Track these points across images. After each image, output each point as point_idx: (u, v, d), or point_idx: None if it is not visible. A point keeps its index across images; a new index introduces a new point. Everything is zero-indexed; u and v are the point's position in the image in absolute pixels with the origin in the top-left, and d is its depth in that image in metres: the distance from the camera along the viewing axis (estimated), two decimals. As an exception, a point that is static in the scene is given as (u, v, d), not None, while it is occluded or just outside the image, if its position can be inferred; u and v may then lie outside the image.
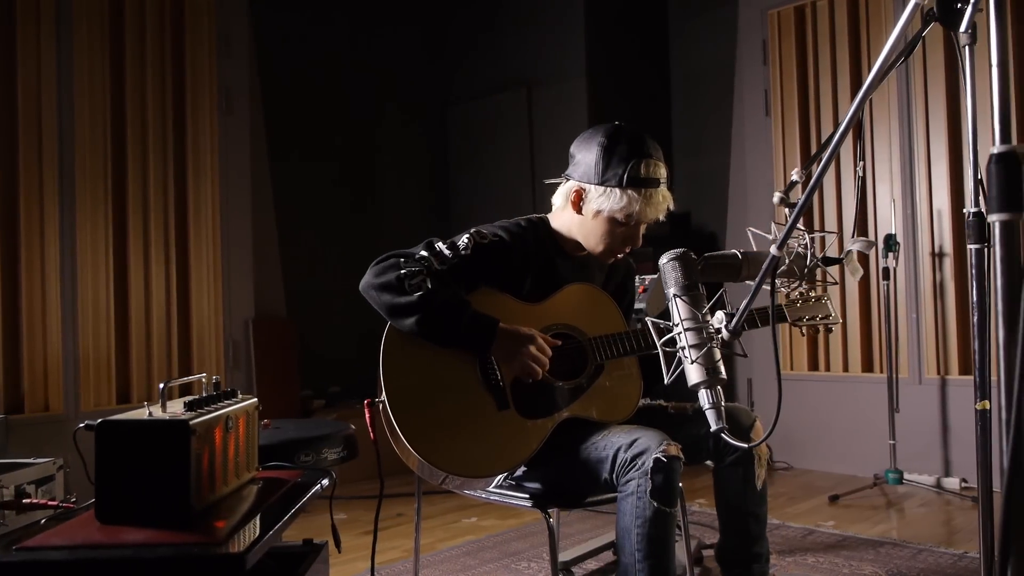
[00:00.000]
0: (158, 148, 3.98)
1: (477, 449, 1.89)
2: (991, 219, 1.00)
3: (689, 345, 1.56)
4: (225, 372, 4.16)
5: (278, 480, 1.51)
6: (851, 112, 1.21)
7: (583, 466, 1.92)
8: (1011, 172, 0.99)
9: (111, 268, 3.82)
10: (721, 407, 1.54)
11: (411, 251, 1.98)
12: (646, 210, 2.00)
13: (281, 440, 1.92)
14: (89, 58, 3.76)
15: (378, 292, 1.92)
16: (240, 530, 1.19)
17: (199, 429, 1.24)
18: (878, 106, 4.34)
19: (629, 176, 1.97)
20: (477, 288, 2.01)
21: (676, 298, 1.61)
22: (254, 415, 1.51)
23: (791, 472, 4.51)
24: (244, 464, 1.46)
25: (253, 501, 1.37)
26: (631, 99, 5.24)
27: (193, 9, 4.11)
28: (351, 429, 2.21)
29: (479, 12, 5.52)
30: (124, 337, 3.87)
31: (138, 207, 3.91)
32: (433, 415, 1.89)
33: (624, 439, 1.86)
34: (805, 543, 3.20)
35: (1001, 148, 1.00)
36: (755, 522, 2.11)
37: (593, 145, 2.01)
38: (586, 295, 2.10)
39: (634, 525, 1.80)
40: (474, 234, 2.03)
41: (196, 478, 1.23)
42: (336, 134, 5.10)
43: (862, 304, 4.38)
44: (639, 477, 1.80)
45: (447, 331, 1.91)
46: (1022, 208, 0.98)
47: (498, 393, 1.94)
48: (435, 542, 3.36)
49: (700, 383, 1.54)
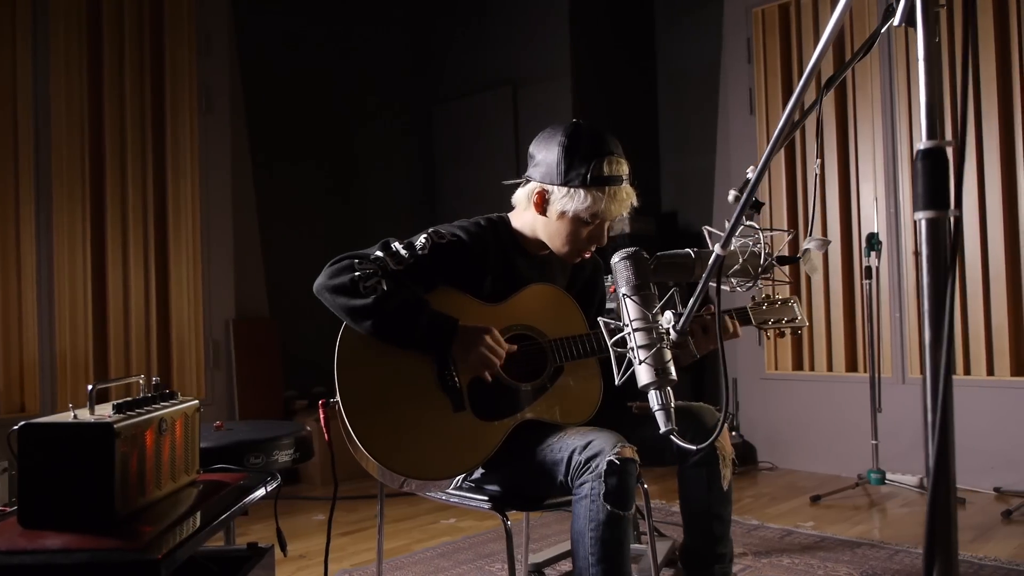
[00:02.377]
0: (137, 147, 3.96)
1: (432, 451, 1.87)
2: (917, 217, 0.97)
3: (638, 346, 1.54)
4: (205, 372, 4.15)
5: (219, 483, 1.49)
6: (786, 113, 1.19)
7: (540, 468, 1.89)
8: (938, 168, 0.97)
9: (89, 268, 3.80)
10: (671, 409, 1.51)
11: (366, 252, 1.96)
12: (611, 208, 1.98)
13: (230, 442, 1.90)
14: (66, 56, 3.74)
15: (332, 294, 1.90)
16: (165, 535, 1.17)
17: (125, 432, 1.22)
18: (861, 105, 4.31)
19: (592, 175, 1.95)
20: (435, 288, 1.98)
21: (626, 298, 1.59)
22: (194, 417, 1.49)
23: (775, 472, 4.48)
24: (182, 467, 1.43)
25: (188, 505, 1.35)
26: (616, 98, 5.21)
27: (173, 7, 4.10)
28: (305, 431, 2.19)
29: (464, 11, 5.50)
30: (102, 338, 3.85)
31: (116, 206, 3.89)
32: (387, 417, 1.86)
33: (579, 441, 1.83)
34: (782, 544, 3.18)
35: (928, 144, 0.98)
36: (719, 523, 2.08)
37: (553, 145, 1.98)
38: (547, 296, 2.07)
39: (588, 528, 1.77)
40: (432, 234, 2.01)
41: (122, 482, 1.21)
42: (320, 133, 5.08)
43: (846, 304, 4.36)
44: (593, 480, 1.77)
45: (404, 333, 1.89)
46: (949, 205, 0.96)
47: (454, 395, 1.92)
48: (411, 543, 3.34)
49: (649, 384, 1.52)
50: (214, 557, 1.46)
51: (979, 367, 3.92)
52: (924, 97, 0.99)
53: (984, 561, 2.89)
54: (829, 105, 4.41)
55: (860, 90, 4.31)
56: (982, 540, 3.17)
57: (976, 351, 3.94)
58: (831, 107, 4.40)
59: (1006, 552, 3.00)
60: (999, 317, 3.86)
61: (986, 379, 3.88)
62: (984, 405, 3.86)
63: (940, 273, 0.95)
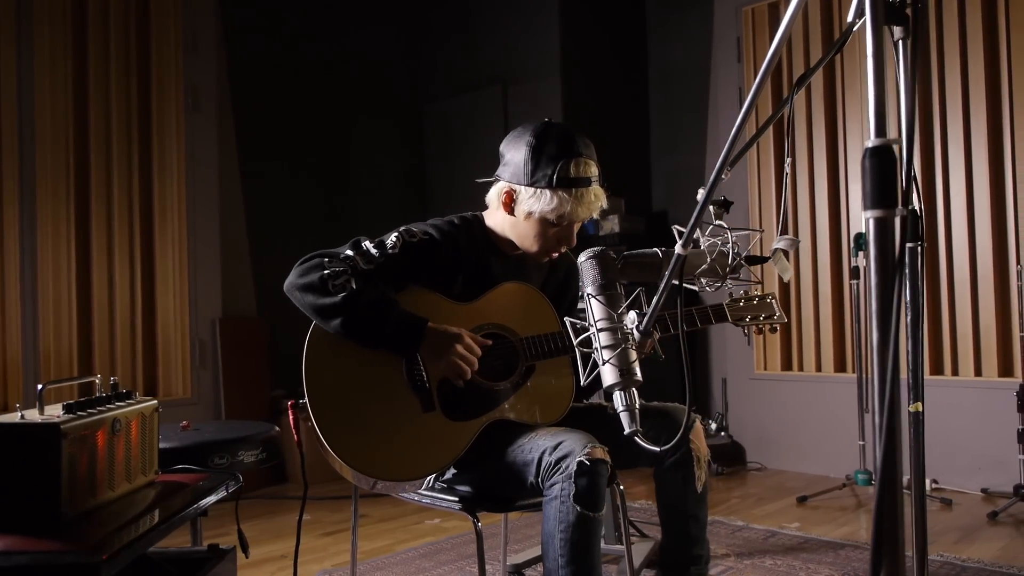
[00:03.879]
0: (123, 146, 3.94)
1: (400, 452, 1.85)
2: (865, 216, 0.96)
3: (602, 346, 1.52)
4: (191, 371, 4.13)
5: (178, 484, 1.47)
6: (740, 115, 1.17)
7: (511, 469, 1.88)
8: (886, 167, 0.95)
9: (73, 267, 3.79)
10: (635, 410, 1.50)
11: (336, 251, 1.95)
12: (577, 210, 1.96)
13: (194, 442, 1.89)
14: (51, 53, 3.73)
15: (301, 293, 1.89)
16: (112, 537, 1.15)
17: (72, 432, 1.21)
18: (851, 104, 4.30)
19: (559, 176, 1.93)
20: (406, 287, 1.97)
21: (591, 298, 1.57)
22: (152, 417, 1.48)
23: (763, 473, 4.46)
24: (139, 468, 1.42)
25: (142, 506, 1.33)
26: (606, 97, 5.19)
27: (159, 5, 4.08)
28: (273, 431, 2.17)
29: (454, 10, 5.48)
30: (87, 336, 3.84)
31: (102, 205, 3.87)
32: (356, 418, 1.85)
33: (549, 442, 1.82)
34: (766, 545, 3.16)
35: (876, 142, 0.96)
36: (695, 524, 2.06)
37: (521, 145, 1.97)
38: (519, 294, 2.05)
39: (557, 530, 1.76)
40: (403, 232, 1.99)
41: (69, 483, 1.19)
42: (310, 131, 5.06)
43: (835, 304, 4.34)
44: (563, 481, 1.76)
45: (373, 332, 1.88)
46: (897, 204, 0.94)
47: (424, 395, 1.90)
48: (394, 544, 3.32)
49: (614, 385, 1.50)
50: (173, 558, 1.45)
51: (967, 367, 3.90)
52: (872, 95, 0.97)
53: (967, 563, 2.87)
54: (819, 104, 4.39)
55: (849, 90, 4.30)
56: (966, 541, 3.16)
57: (964, 351, 3.92)
58: (820, 106, 4.38)
59: (990, 554, 2.98)
60: (987, 317, 3.85)
61: (974, 379, 3.87)
62: (972, 406, 3.84)
63: (887, 273, 0.94)
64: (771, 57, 1.13)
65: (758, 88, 1.14)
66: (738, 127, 1.19)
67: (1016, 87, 3.77)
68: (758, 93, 1.14)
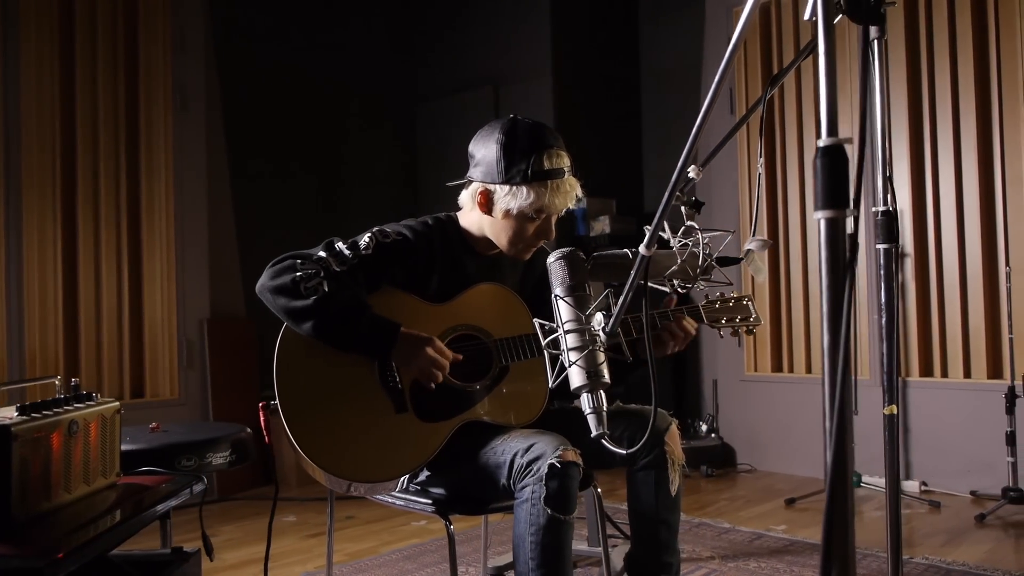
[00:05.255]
0: (109, 145, 3.93)
1: (371, 453, 1.84)
2: (816, 216, 0.94)
3: (568, 348, 1.51)
4: (179, 373, 4.12)
5: (139, 486, 1.46)
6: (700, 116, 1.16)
7: (483, 471, 1.86)
8: (837, 166, 0.94)
9: (59, 267, 3.77)
10: (603, 412, 1.48)
11: (309, 252, 1.93)
12: (555, 201, 1.94)
13: (161, 444, 1.87)
14: (37, 51, 3.71)
15: (273, 295, 1.87)
16: (63, 540, 1.14)
17: (24, 435, 1.19)
18: (841, 103, 4.28)
19: (534, 170, 1.91)
20: (380, 288, 1.96)
21: (559, 299, 1.56)
22: (114, 419, 1.46)
23: (753, 475, 4.45)
24: (98, 470, 1.41)
25: (99, 509, 1.32)
26: (598, 98, 5.18)
27: (147, 3, 4.06)
28: (243, 433, 2.16)
29: (446, 10, 5.47)
30: (73, 337, 3.82)
31: (88, 205, 3.86)
32: (327, 420, 1.83)
33: (521, 444, 1.81)
34: (751, 547, 3.15)
35: (828, 141, 0.95)
36: (665, 529, 2.04)
37: (491, 143, 1.95)
38: (494, 295, 2.04)
39: (528, 533, 1.74)
40: (376, 233, 1.98)
41: (20, 486, 1.18)
42: (301, 131, 5.05)
43: (825, 305, 4.32)
44: (534, 483, 1.74)
45: (345, 335, 1.86)
46: (848, 204, 0.93)
47: (396, 396, 1.89)
48: (379, 545, 3.31)
49: (581, 387, 1.49)
50: (136, 561, 1.43)
51: (956, 369, 3.88)
52: (824, 93, 0.96)
53: (952, 566, 2.86)
54: (809, 104, 4.38)
55: (841, 89, 4.26)
56: (953, 544, 3.14)
57: (953, 353, 3.90)
58: (811, 106, 4.37)
59: (976, 557, 2.97)
60: (976, 318, 3.83)
61: (963, 381, 3.85)
62: (961, 408, 3.83)
63: (838, 274, 0.92)
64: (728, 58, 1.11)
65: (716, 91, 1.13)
66: (698, 127, 1.18)
67: (1005, 88, 3.76)
68: (716, 95, 1.13)
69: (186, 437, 1.97)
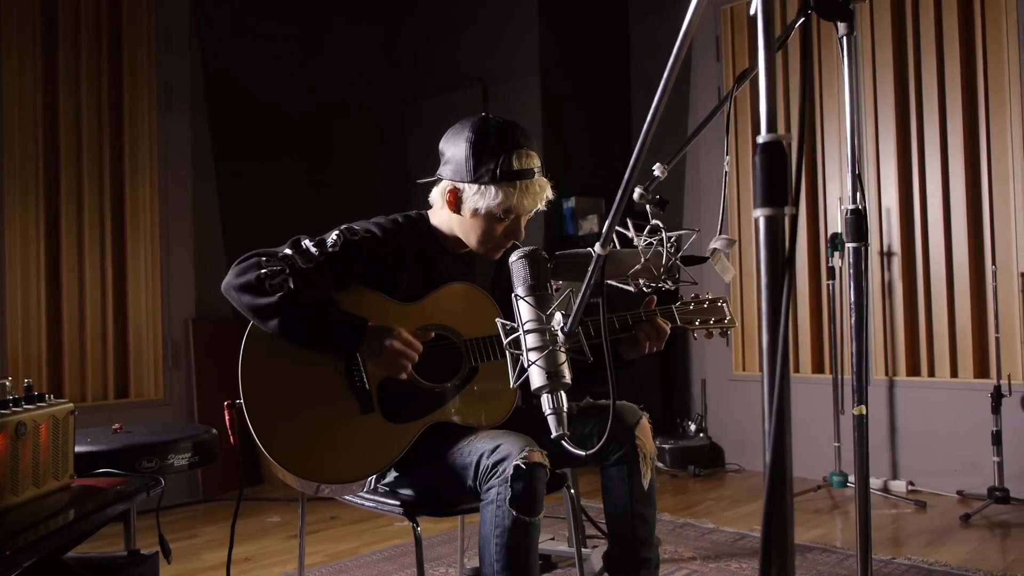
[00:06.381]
0: (93, 145, 3.91)
1: (336, 454, 1.82)
2: (755, 214, 0.93)
3: (528, 348, 1.49)
4: (164, 372, 4.10)
5: (92, 489, 1.44)
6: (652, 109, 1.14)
7: (451, 472, 1.85)
8: (776, 163, 0.92)
9: (42, 266, 3.76)
10: (563, 413, 1.47)
11: (275, 250, 1.92)
12: (524, 202, 1.92)
13: (122, 445, 1.86)
14: (19, 50, 3.69)
15: (238, 293, 1.86)
16: (11, 541, 1.12)
17: (-34, 436, 1.18)
18: (828, 104, 4.26)
19: (502, 170, 1.89)
20: (348, 287, 1.94)
21: (519, 299, 1.54)
22: (67, 420, 1.45)
23: (741, 474, 4.43)
24: (48, 472, 1.39)
25: (48, 512, 1.30)
26: (587, 96, 5.16)
27: (131, 2, 4.05)
28: (207, 434, 2.14)
29: (435, 9, 5.45)
30: (56, 337, 3.80)
31: (72, 205, 3.84)
32: (292, 420, 1.82)
33: (487, 445, 1.79)
34: (734, 548, 3.13)
35: (767, 137, 0.93)
36: (641, 524, 2.02)
37: (461, 141, 1.94)
38: (464, 295, 2.02)
39: (493, 535, 1.72)
40: (344, 230, 1.97)
41: (-38, 488, 1.16)
42: (288, 131, 5.02)
43: (813, 304, 4.31)
44: (499, 484, 1.73)
45: (311, 332, 1.85)
46: (787, 202, 0.91)
47: (363, 396, 1.87)
48: (360, 546, 3.29)
49: (542, 387, 1.47)
50: (90, 564, 1.42)
51: (943, 368, 3.86)
52: (764, 90, 0.94)
53: (934, 567, 2.84)
54: (795, 104, 4.36)
55: (827, 89, 4.26)
56: (936, 544, 3.13)
57: (940, 352, 3.89)
58: (797, 104, 4.35)
59: (958, 557, 2.95)
60: (963, 318, 3.81)
61: (950, 381, 3.83)
62: (948, 407, 3.81)
63: (776, 273, 0.91)
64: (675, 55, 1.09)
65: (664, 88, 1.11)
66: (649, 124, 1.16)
67: (992, 87, 3.74)
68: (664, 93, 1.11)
69: (147, 438, 1.95)
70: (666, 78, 1.13)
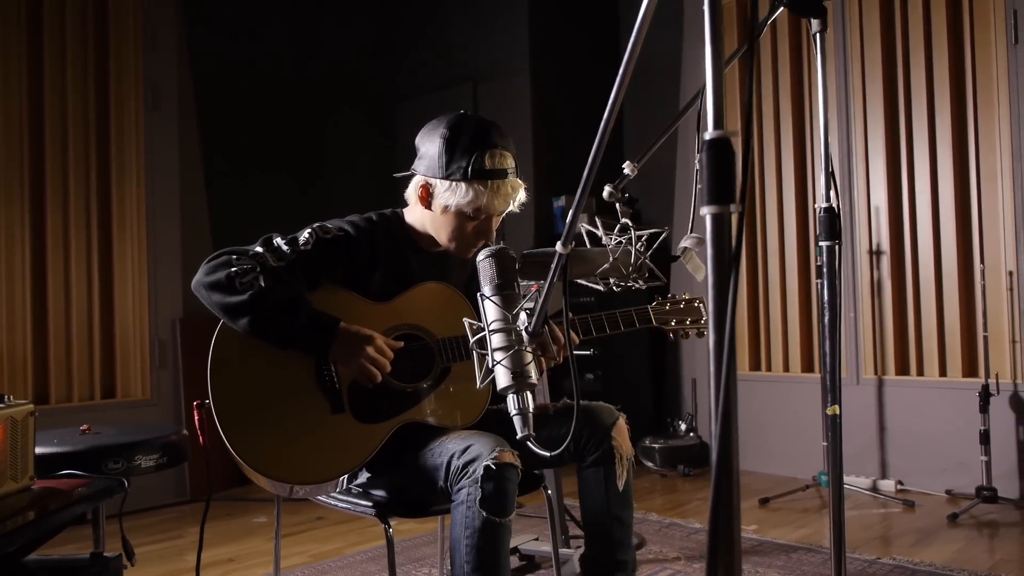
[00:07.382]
0: (79, 144, 3.90)
1: (305, 455, 1.80)
2: (702, 212, 0.91)
3: (493, 348, 1.48)
4: (151, 373, 4.09)
5: (52, 490, 1.43)
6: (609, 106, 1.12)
7: (422, 473, 1.83)
8: (723, 161, 0.90)
9: (28, 266, 3.74)
10: (528, 414, 1.45)
11: (246, 248, 1.90)
12: (494, 202, 1.91)
13: (87, 447, 1.84)
14: (3, 49, 3.68)
15: (208, 291, 1.84)
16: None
17: (-86, 438, 1.17)
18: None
19: (474, 168, 1.88)
20: (320, 286, 1.93)
21: (484, 299, 1.53)
22: (26, 421, 1.43)
23: (731, 474, 4.41)
24: (7, 474, 1.37)
25: (5, 514, 1.28)
26: (577, 94, 5.15)
27: (117, 2, 4.03)
28: (175, 435, 2.12)
29: (425, 7, 5.44)
30: (42, 338, 3.79)
31: (57, 205, 3.82)
32: (261, 419, 1.80)
33: (458, 445, 1.77)
34: (719, 549, 3.11)
35: (714, 134, 0.91)
36: (618, 526, 2.01)
37: (435, 137, 1.93)
38: (438, 294, 2.01)
39: (463, 536, 1.71)
40: (317, 229, 1.95)
41: (-89, 491, 1.15)
42: (277, 131, 5.02)
43: (802, 303, 4.29)
44: (469, 485, 1.71)
45: (281, 332, 1.83)
46: (734, 200, 0.90)
47: (333, 396, 1.86)
48: (345, 547, 3.28)
49: (507, 388, 1.46)
50: (51, 566, 1.41)
51: (931, 368, 3.85)
52: (711, 85, 0.93)
53: (919, 567, 2.82)
54: (786, 101, 4.34)
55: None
56: (922, 544, 3.11)
57: (928, 351, 3.87)
58: (788, 103, 4.33)
59: (943, 557, 2.93)
60: (951, 317, 3.80)
61: (938, 380, 3.81)
62: (936, 406, 3.79)
63: (722, 272, 0.89)
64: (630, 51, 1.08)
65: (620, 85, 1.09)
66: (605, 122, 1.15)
67: (980, 85, 3.72)
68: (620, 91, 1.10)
69: (113, 439, 1.94)
70: (621, 74, 1.12)
